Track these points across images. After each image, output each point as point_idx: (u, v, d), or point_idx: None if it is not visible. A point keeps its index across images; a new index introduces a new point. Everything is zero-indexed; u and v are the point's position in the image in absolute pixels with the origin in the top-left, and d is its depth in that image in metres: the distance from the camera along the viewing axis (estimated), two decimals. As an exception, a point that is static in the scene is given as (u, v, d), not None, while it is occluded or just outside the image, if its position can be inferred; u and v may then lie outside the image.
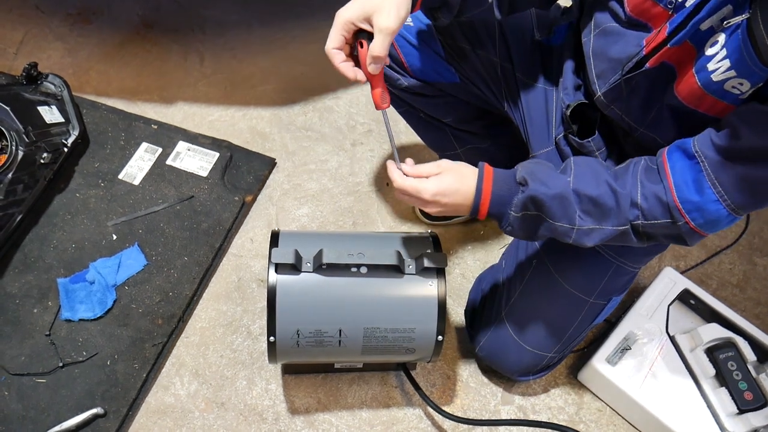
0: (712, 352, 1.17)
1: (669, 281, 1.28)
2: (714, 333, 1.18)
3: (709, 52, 0.78)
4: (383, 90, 0.88)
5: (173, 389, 1.20)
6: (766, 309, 1.41)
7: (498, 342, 1.14)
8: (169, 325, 1.25)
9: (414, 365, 1.24)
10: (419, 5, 0.89)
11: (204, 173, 1.46)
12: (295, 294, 1.00)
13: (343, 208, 1.49)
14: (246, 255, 1.39)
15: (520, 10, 1.01)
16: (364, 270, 1.01)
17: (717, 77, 0.78)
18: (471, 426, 1.18)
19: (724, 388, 1.13)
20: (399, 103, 1.20)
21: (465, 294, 1.33)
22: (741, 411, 1.11)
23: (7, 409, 1.12)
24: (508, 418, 1.21)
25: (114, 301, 1.25)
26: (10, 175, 1.29)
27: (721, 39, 0.76)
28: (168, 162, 1.47)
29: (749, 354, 1.16)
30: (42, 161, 1.35)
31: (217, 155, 1.49)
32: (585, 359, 1.22)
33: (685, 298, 1.27)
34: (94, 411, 1.13)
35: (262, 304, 1.31)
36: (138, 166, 1.46)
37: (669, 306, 1.25)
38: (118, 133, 1.50)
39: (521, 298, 1.11)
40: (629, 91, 0.89)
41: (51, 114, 1.42)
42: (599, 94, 0.93)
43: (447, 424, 1.20)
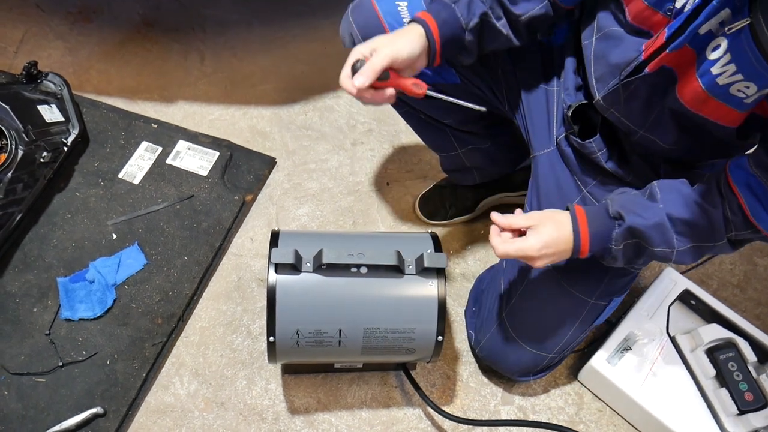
0: (712, 352, 1.16)
1: (669, 281, 1.28)
2: (714, 333, 1.18)
3: (712, 56, 0.78)
4: (412, 83, 0.91)
5: (173, 389, 1.20)
6: (766, 309, 1.41)
7: (498, 342, 1.14)
8: (169, 325, 1.24)
9: (414, 365, 1.24)
10: (438, 58, 0.93)
11: (204, 172, 1.46)
12: (295, 294, 1.00)
13: (343, 207, 1.48)
14: (246, 254, 1.38)
15: (537, 33, 1.01)
16: (364, 270, 1.01)
17: (722, 81, 0.78)
18: (471, 426, 1.18)
19: (724, 388, 1.13)
20: (399, 104, 1.20)
21: (465, 294, 1.32)
22: (741, 412, 1.11)
23: (7, 409, 1.12)
24: (508, 418, 1.21)
25: (114, 301, 1.25)
26: (9, 174, 1.28)
27: (724, 43, 0.76)
28: (168, 161, 1.47)
29: (750, 354, 1.16)
30: (42, 160, 1.34)
31: (217, 154, 1.49)
32: (585, 359, 1.22)
33: (686, 298, 1.27)
34: (93, 410, 1.13)
35: (262, 303, 1.31)
36: (138, 165, 1.45)
37: (669, 306, 1.25)
38: (118, 132, 1.50)
39: (522, 298, 1.11)
40: (627, 96, 0.90)
41: (51, 113, 1.42)
42: (598, 97, 0.93)
43: (447, 424, 1.20)
